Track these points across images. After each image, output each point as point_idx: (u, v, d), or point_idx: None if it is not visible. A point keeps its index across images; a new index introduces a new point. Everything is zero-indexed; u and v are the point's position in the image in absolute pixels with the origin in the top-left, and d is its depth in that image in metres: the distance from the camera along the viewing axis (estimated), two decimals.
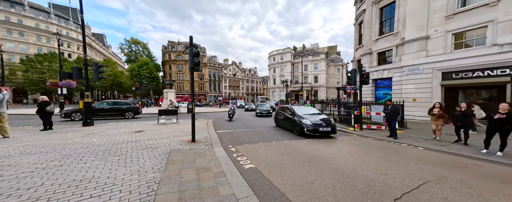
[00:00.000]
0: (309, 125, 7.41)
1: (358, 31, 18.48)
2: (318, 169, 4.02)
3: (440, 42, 11.44)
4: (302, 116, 8.08)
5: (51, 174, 3.34)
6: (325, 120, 7.81)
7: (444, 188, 3.19)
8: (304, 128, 7.41)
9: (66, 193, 2.67)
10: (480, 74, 10.06)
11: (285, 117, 9.18)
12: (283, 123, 9.47)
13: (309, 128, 7.33)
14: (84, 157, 4.34)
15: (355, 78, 9.31)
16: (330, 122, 7.72)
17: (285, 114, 9.35)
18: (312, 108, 10.33)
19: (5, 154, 4.49)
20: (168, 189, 2.85)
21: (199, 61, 5.98)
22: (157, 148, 5.19)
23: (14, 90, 36.46)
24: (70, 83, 13.95)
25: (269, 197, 2.82)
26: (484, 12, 9.91)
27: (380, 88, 15.55)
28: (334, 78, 57.70)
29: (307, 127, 7.38)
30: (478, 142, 5.98)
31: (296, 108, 9.37)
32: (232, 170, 3.71)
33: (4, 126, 6.23)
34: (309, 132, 7.31)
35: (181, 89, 53.27)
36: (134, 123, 10.73)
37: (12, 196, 2.56)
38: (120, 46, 48.73)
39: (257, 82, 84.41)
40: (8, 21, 38.67)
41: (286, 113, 9.38)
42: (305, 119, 7.78)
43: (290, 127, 8.63)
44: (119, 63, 70.11)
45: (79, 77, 9.45)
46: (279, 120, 10.07)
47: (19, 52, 39.60)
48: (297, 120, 7.97)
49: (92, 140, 6.12)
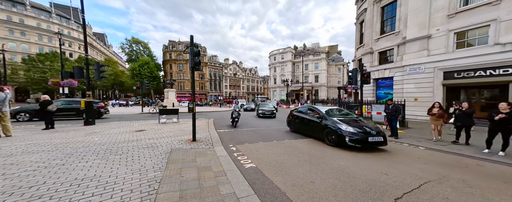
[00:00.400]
0: (352, 133, 5.50)
1: (359, 30, 18.40)
2: (318, 168, 4.02)
3: (442, 41, 11.37)
4: (337, 120, 6.26)
5: (53, 172, 3.36)
6: (371, 126, 5.95)
7: (445, 187, 3.18)
8: (344, 137, 5.52)
9: (68, 192, 2.69)
10: (482, 73, 10.00)
11: (307, 121, 7.50)
12: (304, 127, 7.75)
13: (353, 137, 5.42)
14: (86, 156, 4.37)
15: (356, 78, 9.29)
16: (379, 129, 5.91)
17: (305, 116, 7.76)
18: (341, 108, 8.51)
19: (7, 152, 4.52)
20: (169, 188, 2.86)
21: (199, 61, 5.97)
22: (158, 147, 5.21)
23: (16, 89, 36.64)
24: (72, 83, 13.98)
25: (269, 196, 2.83)
26: (486, 11, 9.84)
27: (381, 88, 15.50)
28: (335, 78, 57.59)
29: (350, 135, 5.48)
30: (479, 142, 5.96)
31: (322, 108, 7.73)
32: (232, 169, 3.72)
33: (7, 125, 6.27)
34: (353, 142, 5.39)
35: (181, 89, 53.37)
36: (134, 122, 10.76)
37: (15, 195, 2.58)
38: (121, 46, 49.00)
39: (257, 82, 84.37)
40: (10, 21, 38.84)
41: (305, 115, 7.80)
42: (343, 124, 5.89)
43: (316, 133, 6.86)
44: (120, 63, 70.30)
45: (80, 76, 9.48)
46: (295, 124, 8.37)
47: (21, 52, 39.80)
48: (331, 125, 6.10)
49: (93, 139, 6.15)
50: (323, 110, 7.20)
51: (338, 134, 5.74)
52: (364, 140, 5.37)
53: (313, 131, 7.07)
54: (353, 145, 5.41)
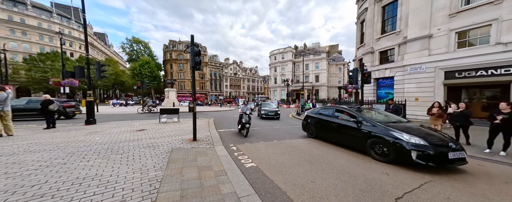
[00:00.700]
0: (422, 146, 3.92)
1: (360, 30, 18.36)
2: (319, 168, 4.02)
3: (443, 41, 11.33)
4: (388, 126, 4.67)
5: (55, 171, 3.38)
6: (441, 135, 4.45)
7: (446, 187, 3.18)
8: (408, 152, 3.96)
9: (69, 190, 2.70)
10: (483, 73, 9.97)
11: (337, 126, 5.92)
12: (331, 134, 6.27)
13: (426, 151, 3.84)
14: (87, 155, 4.38)
15: (357, 78, 9.28)
16: (454, 140, 4.35)
17: (332, 120, 6.22)
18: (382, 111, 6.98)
19: (9, 151, 4.54)
20: (170, 187, 2.87)
21: (200, 60, 5.97)
22: (158, 147, 5.22)
23: (18, 89, 36.78)
24: (73, 82, 14.04)
25: (270, 196, 2.83)
26: (488, 11, 9.80)
27: (382, 88, 15.47)
28: (335, 78, 57.52)
29: (421, 149, 3.89)
30: (480, 142, 5.94)
31: (356, 108, 6.16)
32: (233, 169, 3.73)
33: (9, 124, 6.30)
34: (424, 159, 3.82)
35: (182, 89, 53.44)
36: (135, 122, 10.78)
37: (17, 193, 2.60)
38: (121, 46, 49.11)
39: (258, 82, 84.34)
40: (11, 20, 38.94)
41: (332, 118, 6.27)
42: (404, 133, 4.28)
43: (352, 142, 5.42)
44: (121, 62, 70.42)
45: (81, 76, 9.50)
46: (317, 129, 6.92)
47: (22, 51, 39.92)
48: (381, 133, 4.55)
49: (94, 138, 6.17)
50: (360, 112, 5.71)
51: (396, 147, 4.16)
52: (442, 155, 3.77)
53: (347, 139, 5.59)
54: (424, 163, 3.78)
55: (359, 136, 5.08)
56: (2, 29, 37.67)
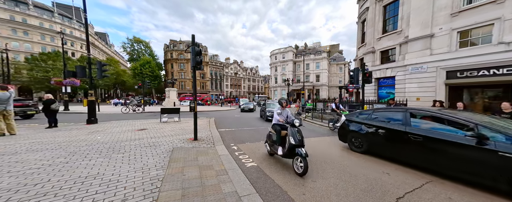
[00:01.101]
0: None
1: (361, 29, 18.30)
2: (320, 167, 4.02)
3: (444, 41, 11.27)
4: None
5: (57, 170, 3.40)
6: None
7: (448, 187, 3.17)
8: None
9: (72, 189, 2.72)
10: (486, 73, 9.91)
11: (423, 140, 3.71)
12: (406, 153, 4.09)
13: None
14: (89, 154, 4.41)
15: (358, 77, 9.26)
16: None
17: (405, 130, 4.03)
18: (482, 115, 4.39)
19: (12, 151, 4.58)
20: (171, 186, 2.89)
21: (201, 60, 5.98)
22: (160, 146, 5.24)
23: (20, 88, 36.99)
24: (74, 82, 14.11)
25: (271, 195, 2.84)
26: (490, 10, 9.73)
27: (383, 87, 15.42)
28: (336, 77, 57.37)
29: None
30: None
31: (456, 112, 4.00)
32: (234, 168, 3.74)
33: (11, 123, 6.34)
34: None
35: (183, 88, 53.54)
36: (136, 121, 10.81)
37: (20, 192, 2.62)
38: (122, 45, 49.25)
39: (258, 81, 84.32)
40: (13, 20, 39.12)
41: (403, 126, 4.11)
42: None
43: (460, 170, 3.27)
44: (122, 62, 70.59)
45: (83, 75, 9.54)
46: (370, 140, 4.87)
47: (24, 51, 40.11)
48: None
49: (96, 137, 6.20)
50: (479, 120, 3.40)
51: None
52: None
53: (444, 162, 3.45)
54: None
55: (480, 162, 2.99)
56: (4, 29, 37.87)
